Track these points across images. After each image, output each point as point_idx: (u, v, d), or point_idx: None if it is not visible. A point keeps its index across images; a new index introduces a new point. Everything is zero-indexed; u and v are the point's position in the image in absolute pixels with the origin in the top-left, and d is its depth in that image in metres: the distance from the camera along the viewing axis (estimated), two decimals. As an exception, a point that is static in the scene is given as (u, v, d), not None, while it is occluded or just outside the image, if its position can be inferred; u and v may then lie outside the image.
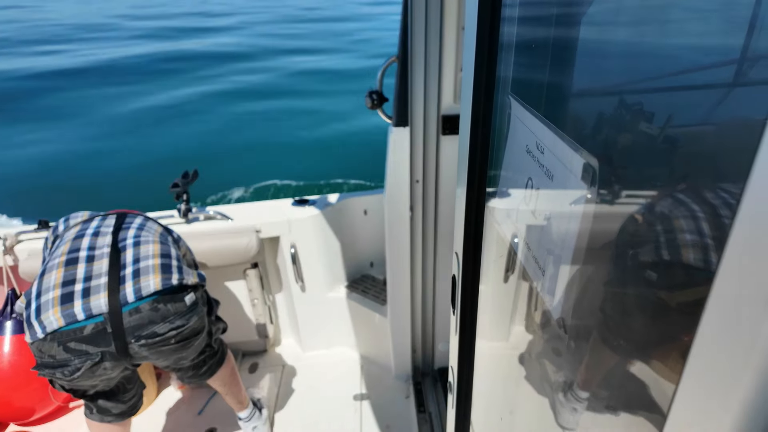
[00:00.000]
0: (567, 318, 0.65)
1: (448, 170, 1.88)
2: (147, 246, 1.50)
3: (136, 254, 1.46)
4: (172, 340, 1.44)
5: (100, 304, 1.33)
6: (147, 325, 1.37)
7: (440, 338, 2.31)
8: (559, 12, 0.65)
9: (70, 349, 1.31)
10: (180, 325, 1.43)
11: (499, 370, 1.01)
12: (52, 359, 1.32)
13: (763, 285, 0.29)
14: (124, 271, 1.40)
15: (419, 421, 2.16)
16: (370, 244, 2.58)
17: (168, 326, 1.41)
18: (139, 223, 1.63)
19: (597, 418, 0.50)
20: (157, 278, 1.40)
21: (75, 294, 1.33)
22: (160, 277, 1.41)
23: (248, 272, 2.36)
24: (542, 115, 0.67)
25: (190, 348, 1.53)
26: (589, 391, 0.48)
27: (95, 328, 1.32)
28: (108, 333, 1.33)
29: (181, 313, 1.44)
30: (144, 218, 1.70)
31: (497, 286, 0.94)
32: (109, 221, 1.61)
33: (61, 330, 1.30)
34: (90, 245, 1.48)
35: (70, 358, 1.32)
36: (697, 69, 0.39)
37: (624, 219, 0.50)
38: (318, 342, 2.59)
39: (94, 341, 1.32)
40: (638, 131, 0.46)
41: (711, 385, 0.34)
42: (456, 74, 1.71)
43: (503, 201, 0.86)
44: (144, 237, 1.55)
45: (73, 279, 1.37)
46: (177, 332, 1.43)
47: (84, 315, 1.31)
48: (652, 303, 0.45)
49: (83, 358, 1.32)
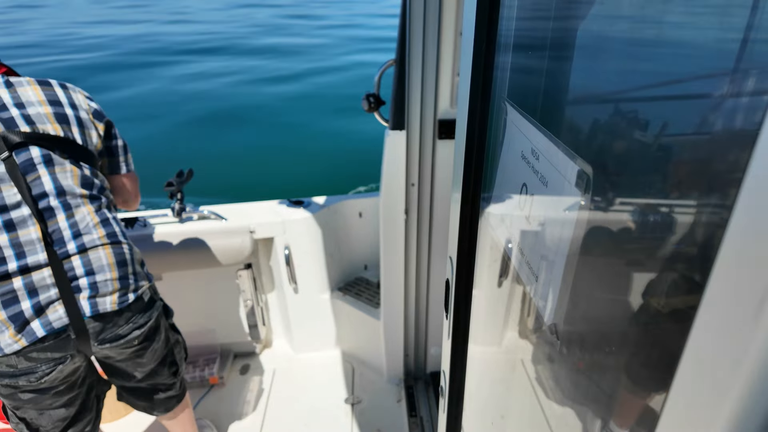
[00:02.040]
0: (559, 324, 0.65)
1: (443, 174, 1.89)
2: (97, 252, 1.30)
3: (86, 262, 1.28)
4: (135, 341, 1.41)
5: (60, 316, 1.26)
6: (111, 328, 1.34)
7: (433, 342, 2.31)
8: (556, 19, 0.65)
9: (32, 358, 1.26)
10: (143, 323, 1.41)
11: (491, 375, 1.01)
12: (13, 368, 1.26)
13: (754, 294, 0.29)
14: (76, 282, 1.27)
15: (410, 425, 2.15)
16: (364, 246, 2.57)
17: (131, 326, 1.38)
18: (59, 187, 1.26)
19: None
20: (114, 296, 1.32)
21: (25, 313, 1.22)
22: (117, 294, 1.33)
23: (241, 273, 2.35)
24: (538, 122, 0.68)
25: (149, 351, 1.48)
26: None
27: (57, 337, 1.27)
28: (72, 339, 1.30)
29: (142, 310, 1.41)
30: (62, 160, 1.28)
31: (491, 291, 0.95)
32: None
33: (23, 348, 1.23)
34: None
35: (36, 365, 1.27)
36: (691, 78, 0.40)
37: (617, 226, 0.50)
38: (310, 344, 2.58)
39: (59, 348, 1.29)
40: (633, 139, 0.47)
41: (700, 395, 0.34)
42: (453, 79, 1.71)
43: (498, 206, 0.86)
44: (84, 224, 1.30)
45: (14, 297, 1.21)
46: (140, 332, 1.41)
47: (45, 331, 1.24)
48: (645, 312, 0.46)
49: (50, 363, 1.29)
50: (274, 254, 2.38)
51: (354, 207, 2.46)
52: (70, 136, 1.30)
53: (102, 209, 1.35)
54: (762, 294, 0.28)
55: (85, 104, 1.38)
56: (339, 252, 2.51)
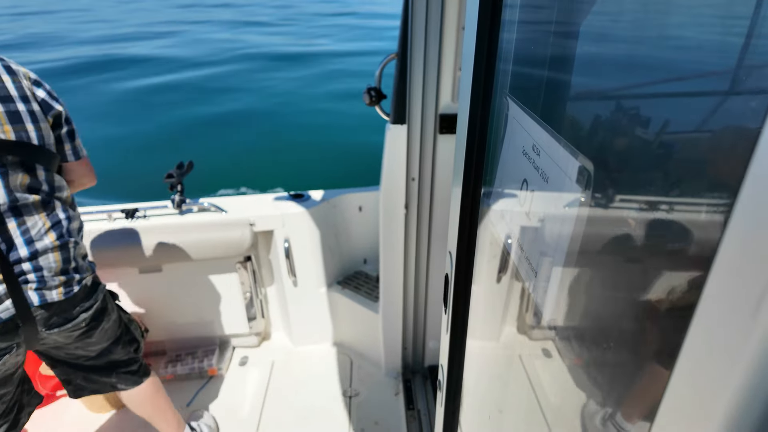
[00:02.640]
0: (558, 320, 0.65)
1: (444, 169, 1.88)
2: (47, 255, 1.32)
3: (35, 265, 1.30)
4: (83, 323, 1.45)
5: (7, 307, 1.28)
6: (58, 314, 1.38)
7: (431, 336, 2.32)
8: (559, 15, 0.65)
9: None
10: (89, 306, 1.45)
11: (489, 369, 1.01)
12: None
13: (754, 292, 0.29)
14: (23, 277, 1.29)
15: (408, 418, 2.17)
16: (364, 240, 2.58)
17: (78, 310, 1.42)
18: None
19: None
20: (60, 289, 1.36)
21: None
22: (63, 287, 1.37)
23: (241, 265, 2.36)
24: (539, 117, 0.68)
25: (97, 331, 1.51)
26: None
27: (4, 327, 1.29)
28: (19, 327, 1.32)
29: (86, 295, 1.45)
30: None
31: (490, 286, 0.95)
32: None
33: None
34: None
35: None
36: (694, 76, 0.40)
37: (617, 223, 0.51)
38: (309, 337, 2.59)
39: (5, 338, 1.31)
40: (634, 136, 0.47)
41: (698, 391, 0.34)
42: (455, 73, 1.71)
43: (498, 201, 0.86)
44: (27, 211, 1.30)
45: None
46: (87, 314, 1.44)
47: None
48: (644, 309, 0.46)
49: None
50: (273, 247, 2.39)
51: (354, 201, 2.46)
52: (24, 137, 1.26)
53: (55, 211, 1.36)
54: (761, 291, 0.29)
55: (31, 92, 1.31)
56: (338, 246, 2.51)
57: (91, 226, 2.16)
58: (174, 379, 2.39)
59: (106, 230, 2.16)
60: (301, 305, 2.49)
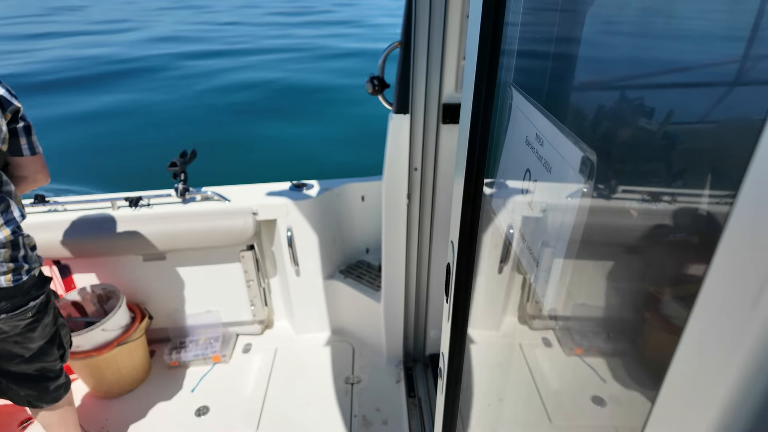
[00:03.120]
0: (558, 309, 0.66)
1: (446, 159, 1.88)
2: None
3: None
4: (30, 312, 1.47)
5: None
6: (7, 300, 1.41)
7: (432, 325, 2.33)
8: (564, 4, 0.64)
9: None
10: (37, 295, 1.49)
11: (489, 358, 1.02)
12: None
13: (754, 282, 0.29)
14: None
15: (409, 406, 2.19)
16: (366, 230, 2.58)
17: (27, 298, 1.46)
18: None
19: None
20: (9, 276, 1.40)
21: None
22: (12, 274, 1.40)
23: (244, 254, 2.37)
24: (543, 107, 0.67)
25: (41, 325, 1.53)
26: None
27: None
28: None
29: (35, 284, 1.49)
30: None
31: (491, 276, 0.95)
32: None
33: None
34: None
35: None
36: (698, 66, 0.39)
37: (619, 213, 0.51)
38: (311, 325, 2.61)
39: None
40: (637, 126, 0.46)
41: (697, 379, 0.35)
42: (458, 63, 1.69)
43: (501, 191, 0.86)
44: None
45: None
46: (35, 303, 1.48)
47: None
48: (644, 298, 0.46)
49: None
50: (276, 236, 2.40)
51: (356, 190, 2.46)
52: None
53: (8, 210, 1.41)
54: (761, 282, 0.29)
55: None
56: (341, 235, 2.51)
57: (95, 215, 2.17)
58: (178, 366, 2.42)
59: (110, 218, 2.17)
60: (303, 294, 2.51)
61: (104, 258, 2.32)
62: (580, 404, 0.61)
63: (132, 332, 2.18)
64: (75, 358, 2.04)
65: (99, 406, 2.22)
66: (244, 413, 2.17)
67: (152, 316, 2.40)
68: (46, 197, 2.24)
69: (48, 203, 2.22)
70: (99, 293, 2.28)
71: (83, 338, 2.02)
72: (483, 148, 0.82)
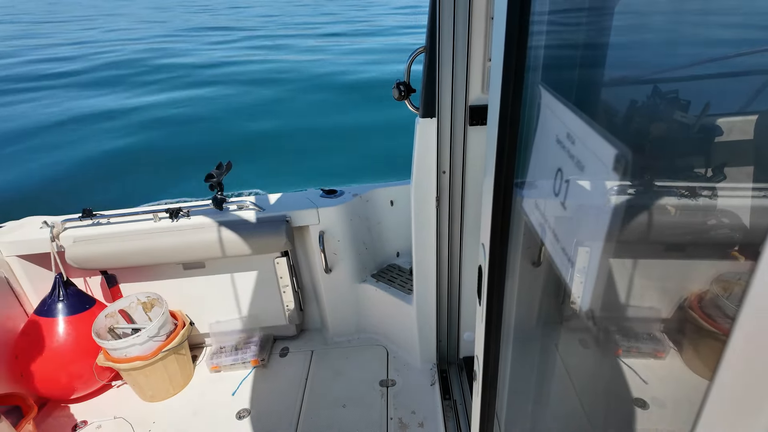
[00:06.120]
0: (596, 310, 0.65)
1: (474, 161, 1.87)
2: None
3: None
4: None
5: None
6: None
7: (466, 327, 2.32)
8: (591, 0, 0.64)
9: None
10: None
11: (525, 360, 1.01)
12: None
13: None
14: None
15: (444, 408, 2.18)
16: (396, 234, 2.60)
17: None
18: None
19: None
20: None
21: None
22: None
23: (279, 260, 2.43)
24: (574, 105, 0.67)
25: None
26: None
27: None
28: None
29: None
30: None
31: (524, 277, 0.94)
32: None
33: None
34: None
35: None
36: (734, 56, 0.38)
37: (656, 211, 0.50)
38: (345, 328, 2.65)
39: None
40: (673, 120, 0.45)
41: (746, 382, 0.34)
42: (484, 64, 1.68)
43: (531, 192, 0.85)
44: None
45: None
46: None
47: None
48: (687, 298, 0.45)
49: None
50: (309, 242, 2.44)
51: (385, 195, 2.48)
52: None
53: None
54: None
55: None
56: (371, 239, 2.54)
57: (138, 226, 2.28)
58: (218, 370, 2.50)
59: (153, 229, 2.27)
60: (336, 298, 2.54)
61: (148, 267, 2.43)
62: (621, 406, 0.60)
63: (175, 338, 2.27)
64: (122, 364, 2.15)
65: (145, 409, 2.32)
66: (283, 416, 2.22)
67: (193, 322, 2.49)
68: (93, 211, 2.37)
69: (95, 216, 2.35)
70: (144, 301, 2.39)
71: (130, 344, 2.12)
72: (512, 149, 0.82)
